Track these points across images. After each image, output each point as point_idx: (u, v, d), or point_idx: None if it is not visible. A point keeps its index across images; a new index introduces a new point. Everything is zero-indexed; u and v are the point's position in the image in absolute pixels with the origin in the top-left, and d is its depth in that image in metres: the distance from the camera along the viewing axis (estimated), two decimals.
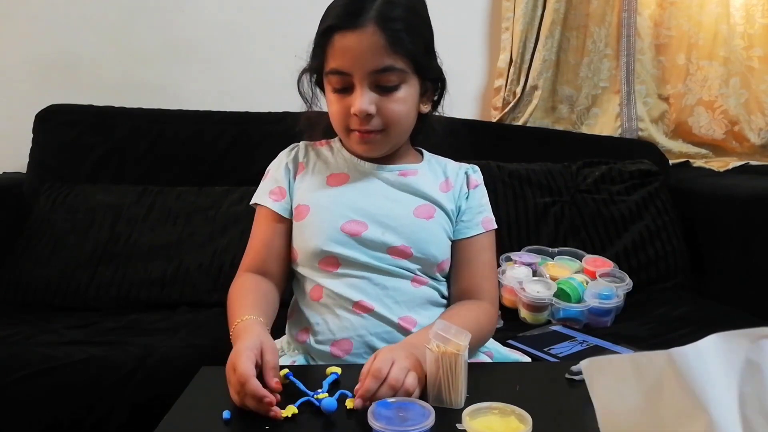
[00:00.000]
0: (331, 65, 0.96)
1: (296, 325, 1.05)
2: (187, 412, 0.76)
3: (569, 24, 2.16)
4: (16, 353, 1.29)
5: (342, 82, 0.96)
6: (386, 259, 1.00)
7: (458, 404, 0.76)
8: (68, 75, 2.08)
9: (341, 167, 1.07)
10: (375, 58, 0.93)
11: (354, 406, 0.75)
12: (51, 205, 1.78)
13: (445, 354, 0.75)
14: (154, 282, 1.67)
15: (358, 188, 1.04)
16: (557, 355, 1.29)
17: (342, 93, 0.97)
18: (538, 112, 2.18)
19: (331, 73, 0.96)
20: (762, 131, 2.14)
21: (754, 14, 2.11)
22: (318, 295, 1.01)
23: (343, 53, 0.94)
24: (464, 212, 1.07)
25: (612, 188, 1.90)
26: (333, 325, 0.98)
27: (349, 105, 0.96)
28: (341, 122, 1.00)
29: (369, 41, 0.92)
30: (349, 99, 0.96)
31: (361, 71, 0.94)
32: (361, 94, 0.94)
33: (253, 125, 1.95)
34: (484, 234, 1.07)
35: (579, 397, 0.75)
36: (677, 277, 1.82)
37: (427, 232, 1.02)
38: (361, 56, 0.93)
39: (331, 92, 0.99)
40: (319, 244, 0.99)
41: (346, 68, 0.94)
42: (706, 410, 0.46)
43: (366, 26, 0.92)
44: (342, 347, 0.97)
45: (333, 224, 0.99)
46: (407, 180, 1.05)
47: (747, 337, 0.46)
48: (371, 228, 0.99)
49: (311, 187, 1.05)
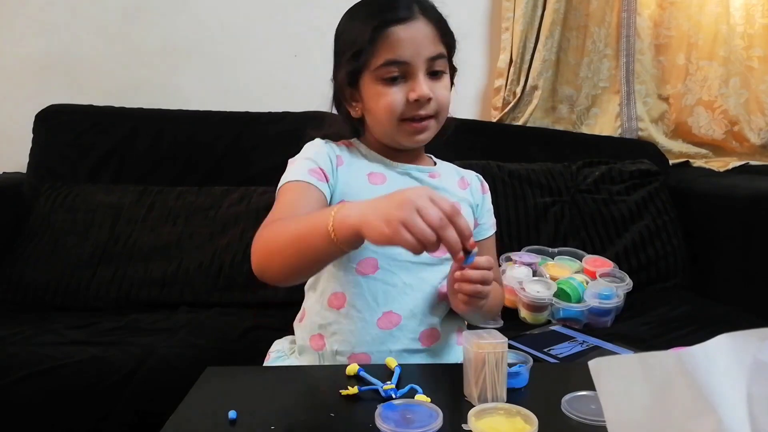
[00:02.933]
0: (386, 57, 0.97)
1: (308, 330, 1.03)
2: (192, 412, 0.76)
3: (569, 24, 2.17)
4: (16, 353, 1.28)
5: (397, 73, 0.98)
6: (424, 257, 0.99)
7: (503, 398, 0.77)
8: (68, 75, 2.08)
9: (377, 166, 1.07)
10: (430, 46, 0.99)
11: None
12: (51, 205, 1.77)
13: (491, 352, 0.77)
14: (154, 282, 1.67)
15: (399, 187, 1.03)
16: (557, 355, 1.30)
17: (394, 84, 0.99)
18: (538, 112, 2.18)
19: (387, 64, 0.97)
20: (762, 131, 2.14)
21: (754, 14, 2.12)
22: (340, 304, 0.99)
23: (400, 44, 0.97)
24: (481, 215, 1.14)
25: (612, 188, 1.90)
26: (353, 338, 0.97)
27: (404, 94, 0.98)
28: (394, 113, 0.99)
29: (423, 31, 0.98)
30: (404, 88, 0.99)
31: (419, 59, 0.98)
32: (422, 80, 0.98)
33: (253, 125, 1.95)
34: (493, 235, 1.17)
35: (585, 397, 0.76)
36: (677, 277, 1.82)
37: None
38: (420, 44, 0.98)
39: (382, 85, 0.99)
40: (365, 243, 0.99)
41: (405, 57, 0.97)
42: (714, 410, 0.46)
43: (417, 17, 0.98)
44: (359, 360, 0.96)
45: None
46: (436, 181, 1.08)
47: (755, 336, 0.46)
48: None
49: (354, 183, 1.03)
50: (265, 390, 0.84)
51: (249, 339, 1.42)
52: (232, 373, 0.90)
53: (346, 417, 0.75)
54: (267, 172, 1.59)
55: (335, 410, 0.76)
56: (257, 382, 0.87)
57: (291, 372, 0.97)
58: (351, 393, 0.78)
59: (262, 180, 1.82)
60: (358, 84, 1.02)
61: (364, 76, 1.00)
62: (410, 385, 0.80)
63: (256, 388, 0.84)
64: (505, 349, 0.78)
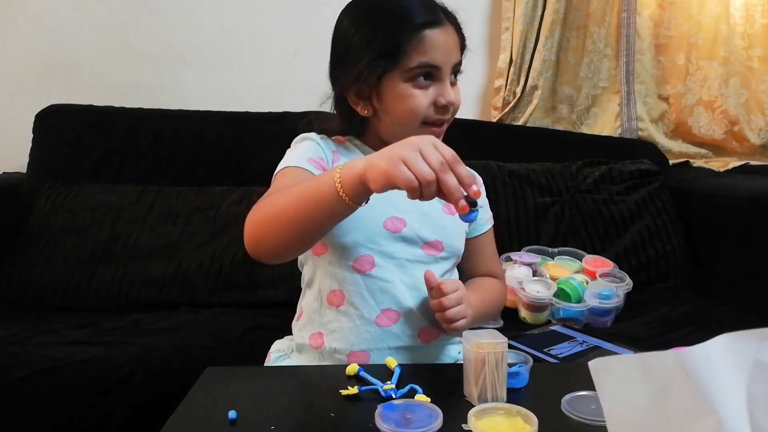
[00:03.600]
0: (420, 59, 0.97)
1: (307, 329, 1.03)
2: (192, 412, 0.76)
3: (569, 24, 2.17)
4: (16, 353, 1.29)
5: (428, 75, 0.99)
6: (420, 256, 1.02)
7: (503, 398, 0.77)
8: (68, 75, 2.08)
9: None
10: (456, 53, 1.01)
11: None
12: (51, 205, 1.77)
13: (491, 352, 0.77)
14: (153, 282, 1.67)
15: None
16: (557, 355, 1.30)
17: (423, 87, 0.99)
18: (538, 112, 2.18)
19: (421, 66, 0.97)
20: (762, 131, 2.14)
21: (754, 14, 2.12)
22: (338, 302, 0.99)
23: (435, 47, 0.97)
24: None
25: (612, 188, 1.90)
26: (352, 336, 0.98)
27: (430, 98, 0.99)
28: (419, 114, 0.99)
29: (453, 37, 1.00)
30: (431, 92, 0.99)
31: (448, 64, 0.99)
32: (450, 86, 1.00)
33: (253, 125, 1.95)
34: (490, 228, 1.18)
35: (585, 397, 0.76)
36: (677, 276, 1.82)
37: (454, 227, 1.07)
38: (451, 50, 0.99)
39: (411, 86, 0.99)
40: (360, 241, 0.98)
41: (437, 61, 0.97)
42: (714, 410, 0.45)
43: (447, 24, 0.99)
44: (358, 358, 0.96)
45: (376, 221, 0.99)
46: None
47: (755, 336, 0.46)
48: (410, 224, 1.01)
49: None
50: (265, 390, 0.84)
51: (249, 339, 1.42)
52: (232, 373, 0.90)
53: (346, 417, 0.75)
54: (267, 172, 1.57)
55: (335, 410, 0.76)
56: (257, 382, 0.87)
57: (291, 372, 0.97)
58: (351, 393, 0.78)
59: (262, 180, 1.79)
60: (379, 83, 1.00)
61: (391, 76, 0.99)
62: (410, 385, 0.80)
63: (256, 388, 0.84)
64: (505, 349, 0.78)
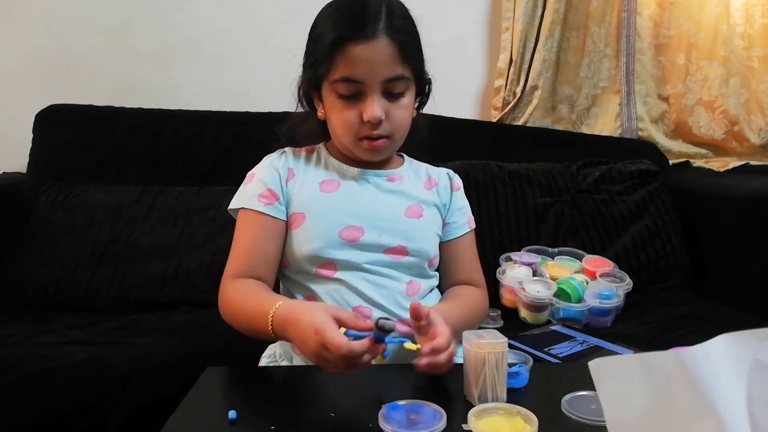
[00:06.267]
0: (342, 73, 0.96)
1: None
2: (192, 412, 0.76)
3: (569, 24, 2.16)
4: (16, 353, 1.28)
5: (352, 90, 0.97)
6: (383, 260, 1.02)
7: (503, 398, 0.77)
8: (68, 75, 2.08)
9: (331, 173, 1.08)
10: (388, 68, 0.96)
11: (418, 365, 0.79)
12: (51, 205, 1.77)
13: (491, 352, 0.77)
14: (154, 282, 1.67)
15: (351, 194, 1.05)
16: (557, 355, 1.30)
17: (350, 100, 0.98)
18: (538, 112, 2.18)
19: (342, 81, 0.97)
20: (762, 131, 2.14)
21: (754, 14, 2.12)
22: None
23: (357, 62, 0.95)
24: (451, 214, 1.13)
25: (612, 188, 1.90)
26: None
27: (359, 112, 0.98)
28: (350, 129, 1.00)
29: (383, 51, 0.95)
30: (359, 106, 0.98)
31: (375, 80, 0.96)
32: (373, 101, 0.97)
33: (253, 125, 1.95)
34: (469, 232, 1.15)
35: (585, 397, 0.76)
36: (677, 277, 1.82)
37: (419, 230, 1.06)
38: (377, 65, 0.96)
39: (337, 99, 0.99)
40: (317, 251, 1.00)
41: (359, 77, 0.96)
42: (714, 410, 0.46)
43: (379, 37, 0.95)
44: None
45: (331, 232, 1.00)
46: (395, 185, 1.09)
47: (755, 336, 0.46)
48: (368, 232, 1.01)
49: (304, 194, 1.04)
50: (265, 390, 0.84)
51: (249, 339, 1.41)
52: (232, 373, 0.90)
53: (346, 417, 0.75)
54: None
55: (335, 410, 0.76)
56: (257, 382, 0.87)
57: (291, 372, 0.98)
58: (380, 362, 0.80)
59: None
60: (319, 91, 1.03)
61: (324, 85, 1.01)
62: (401, 338, 0.81)
63: (256, 388, 0.84)
64: (505, 349, 0.78)
